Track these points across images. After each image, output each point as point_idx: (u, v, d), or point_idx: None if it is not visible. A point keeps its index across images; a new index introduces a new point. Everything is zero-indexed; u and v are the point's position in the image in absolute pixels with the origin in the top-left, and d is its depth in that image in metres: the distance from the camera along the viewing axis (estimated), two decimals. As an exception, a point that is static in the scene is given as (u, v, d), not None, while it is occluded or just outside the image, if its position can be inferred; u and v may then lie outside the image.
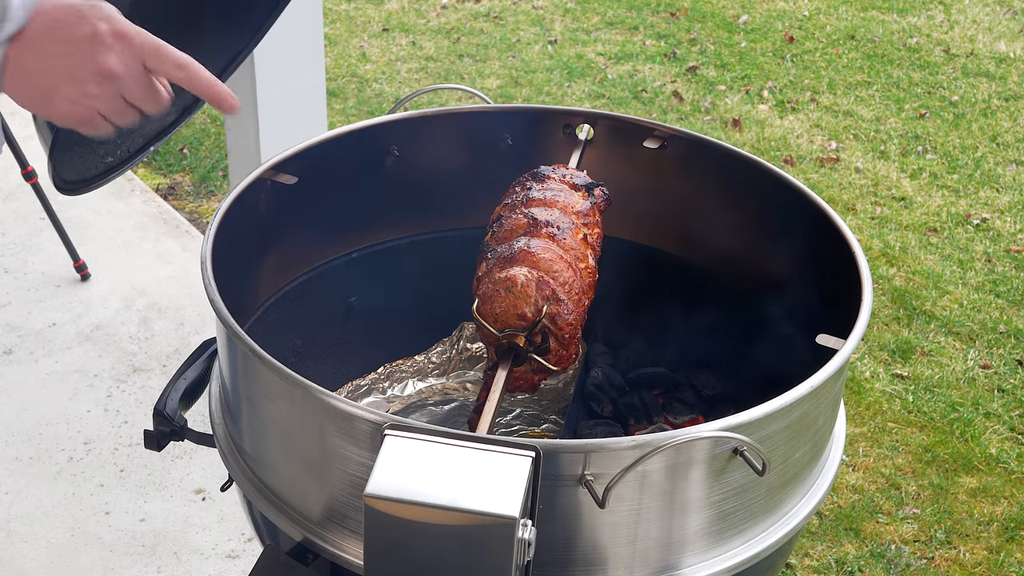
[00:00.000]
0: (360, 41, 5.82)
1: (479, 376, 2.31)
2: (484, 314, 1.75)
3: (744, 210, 2.07)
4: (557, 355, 1.77)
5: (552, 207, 1.89)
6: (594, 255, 1.90)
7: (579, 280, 1.80)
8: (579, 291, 1.79)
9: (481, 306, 1.76)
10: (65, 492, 3.03)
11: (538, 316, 1.73)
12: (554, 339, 1.76)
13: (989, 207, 4.58)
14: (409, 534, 1.35)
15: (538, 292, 1.74)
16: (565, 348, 1.77)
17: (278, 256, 2.09)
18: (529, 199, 1.91)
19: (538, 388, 1.83)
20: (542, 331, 1.75)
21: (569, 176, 1.98)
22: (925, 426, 3.43)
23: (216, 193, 4.46)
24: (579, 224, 1.88)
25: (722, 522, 1.55)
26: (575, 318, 1.76)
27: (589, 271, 1.85)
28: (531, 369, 1.79)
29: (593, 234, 1.91)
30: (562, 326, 1.75)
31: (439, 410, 2.25)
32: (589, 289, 1.85)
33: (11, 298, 3.75)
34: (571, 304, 1.76)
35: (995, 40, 6.04)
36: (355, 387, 2.27)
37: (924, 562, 2.98)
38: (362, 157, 2.13)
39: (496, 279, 1.75)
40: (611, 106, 5.25)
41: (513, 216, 1.88)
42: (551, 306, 1.74)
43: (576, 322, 1.77)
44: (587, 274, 1.84)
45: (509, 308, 1.74)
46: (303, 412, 1.54)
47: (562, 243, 1.82)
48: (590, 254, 1.87)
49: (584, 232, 1.87)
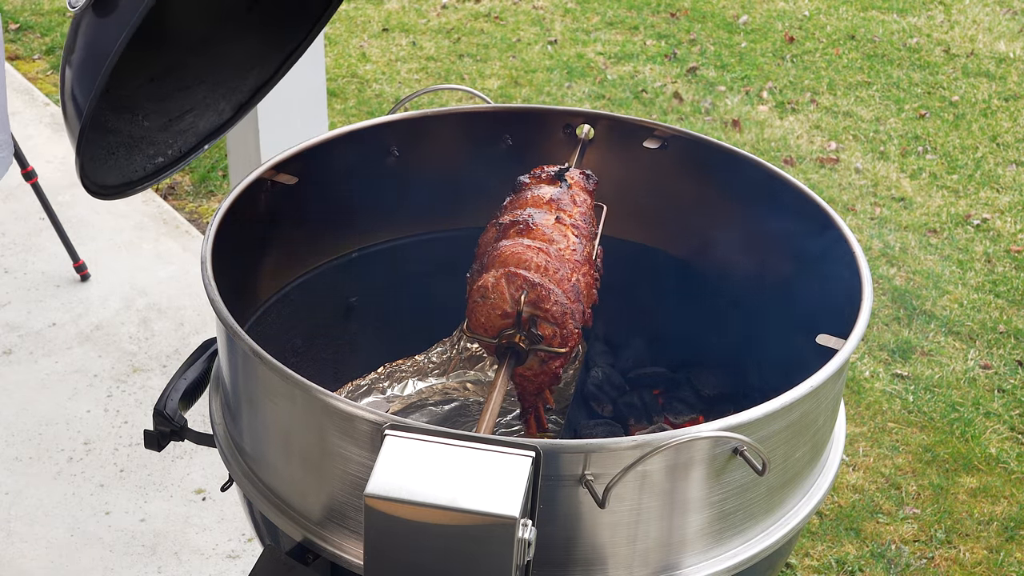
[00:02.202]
0: (360, 41, 5.82)
1: (479, 376, 2.32)
2: (474, 328, 1.80)
3: (744, 210, 2.07)
4: (557, 335, 1.77)
5: (523, 207, 1.91)
6: (577, 232, 1.90)
7: (556, 260, 1.80)
8: (558, 269, 1.79)
9: (470, 323, 1.81)
10: (65, 492, 3.03)
11: (518, 307, 1.75)
12: (545, 322, 1.77)
13: (989, 207, 4.58)
14: (409, 534, 1.35)
15: (510, 287, 1.76)
16: (561, 326, 1.77)
17: (278, 256, 2.09)
18: (502, 211, 1.93)
19: (560, 377, 1.83)
20: (531, 319, 1.76)
21: (543, 172, 1.99)
22: (925, 426, 3.43)
23: (216, 193, 4.46)
24: (552, 211, 1.89)
25: (722, 522, 1.55)
26: (558, 296, 1.76)
27: (571, 248, 1.85)
28: (540, 360, 1.80)
29: (572, 214, 1.91)
30: (548, 307, 1.76)
31: (439, 410, 2.25)
32: (580, 265, 1.85)
33: (11, 298, 3.75)
34: (551, 283, 1.77)
35: (995, 40, 6.04)
36: (355, 387, 2.27)
37: (924, 562, 2.98)
38: (362, 157, 2.13)
39: (472, 292, 1.80)
40: (611, 106, 5.25)
41: (486, 233, 1.91)
42: (528, 294, 1.75)
43: (564, 298, 1.77)
44: (568, 251, 1.84)
45: (490, 312, 1.78)
46: (303, 412, 1.54)
47: (531, 234, 1.83)
48: (570, 232, 1.88)
49: (557, 215, 1.88)
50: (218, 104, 1.92)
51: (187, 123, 1.76)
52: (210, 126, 1.91)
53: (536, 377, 1.82)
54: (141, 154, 1.82)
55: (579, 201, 1.95)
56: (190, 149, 1.88)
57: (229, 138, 3.65)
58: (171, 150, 1.86)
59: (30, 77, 5.17)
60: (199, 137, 1.89)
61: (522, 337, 1.77)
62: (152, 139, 1.81)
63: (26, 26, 5.70)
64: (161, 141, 1.83)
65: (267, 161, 1.95)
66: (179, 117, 1.86)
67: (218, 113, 1.84)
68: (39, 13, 5.81)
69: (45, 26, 5.67)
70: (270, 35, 1.98)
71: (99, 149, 1.70)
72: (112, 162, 1.76)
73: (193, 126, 1.86)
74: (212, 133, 1.91)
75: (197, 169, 4.57)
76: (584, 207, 1.95)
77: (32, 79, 5.15)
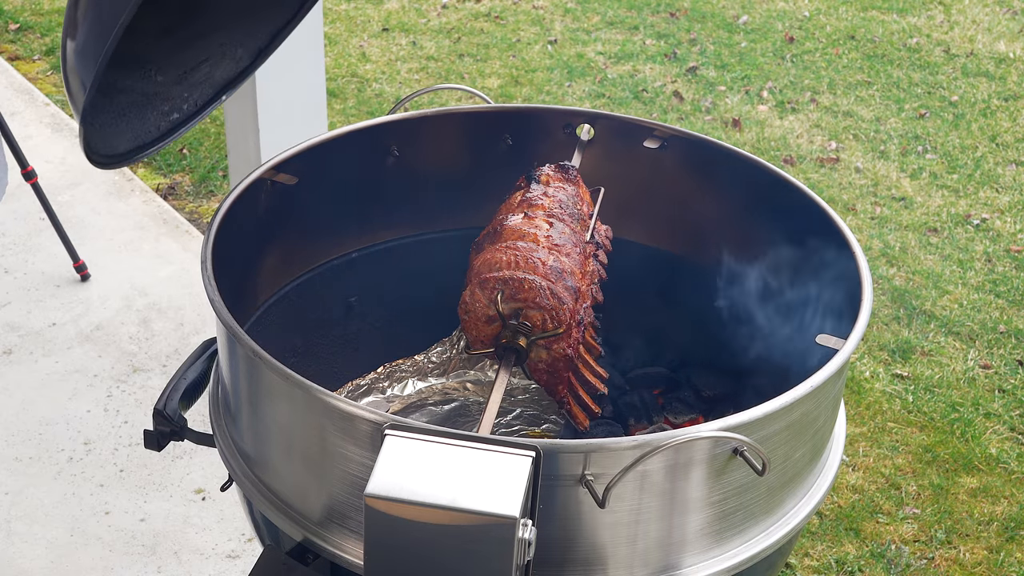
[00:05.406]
0: (360, 41, 5.81)
1: (479, 376, 2.32)
2: (473, 345, 1.82)
3: (744, 210, 2.07)
4: (547, 318, 1.77)
5: (496, 218, 1.93)
6: (553, 217, 1.89)
7: (526, 252, 1.80)
8: (528, 258, 1.80)
9: (468, 341, 1.83)
10: (65, 492, 3.03)
11: (498, 307, 1.75)
12: (531, 310, 1.76)
13: (989, 207, 4.58)
14: (409, 534, 1.35)
15: (485, 292, 1.78)
16: (547, 308, 1.77)
17: (278, 256, 2.09)
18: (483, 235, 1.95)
19: (571, 357, 1.83)
20: (515, 313, 1.77)
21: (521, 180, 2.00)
22: (925, 426, 3.43)
23: (216, 193, 4.46)
24: (522, 210, 1.90)
25: (722, 522, 1.55)
26: (533, 281, 1.76)
27: (545, 235, 1.85)
28: (544, 348, 1.80)
29: (546, 205, 1.92)
30: (525, 295, 1.76)
31: (439, 410, 2.25)
32: (561, 246, 1.84)
33: (11, 298, 3.75)
34: (524, 272, 1.77)
35: (995, 40, 6.04)
36: (355, 387, 2.27)
37: (924, 562, 2.98)
38: (362, 157, 2.13)
39: (459, 312, 1.82)
40: (611, 106, 5.25)
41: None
42: (504, 292, 1.75)
43: (542, 281, 1.77)
44: (543, 239, 1.84)
45: (477, 323, 1.80)
46: (303, 412, 1.54)
47: (500, 238, 1.85)
48: (543, 222, 1.88)
49: (525, 212, 1.89)
50: (235, 51, 1.81)
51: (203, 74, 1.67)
52: (227, 75, 1.82)
53: (550, 367, 1.82)
54: (155, 111, 1.73)
55: (554, 192, 1.95)
56: (207, 101, 1.78)
57: (229, 138, 3.64)
58: (187, 104, 1.77)
59: (30, 77, 5.17)
60: (216, 88, 1.80)
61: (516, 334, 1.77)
62: (166, 94, 1.72)
63: (26, 26, 5.70)
64: (176, 95, 1.74)
65: (267, 161, 1.95)
66: (194, 68, 1.75)
67: (235, 61, 1.75)
68: (39, 13, 5.81)
69: (45, 26, 5.67)
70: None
71: (108, 115, 1.61)
72: (123, 125, 1.67)
73: (209, 77, 1.76)
74: (230, 83, 1.82)
75: (197, 169, 4.57)
76: (564, 195, 1.95)
77: (32, 79, 5.15)
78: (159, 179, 4.54)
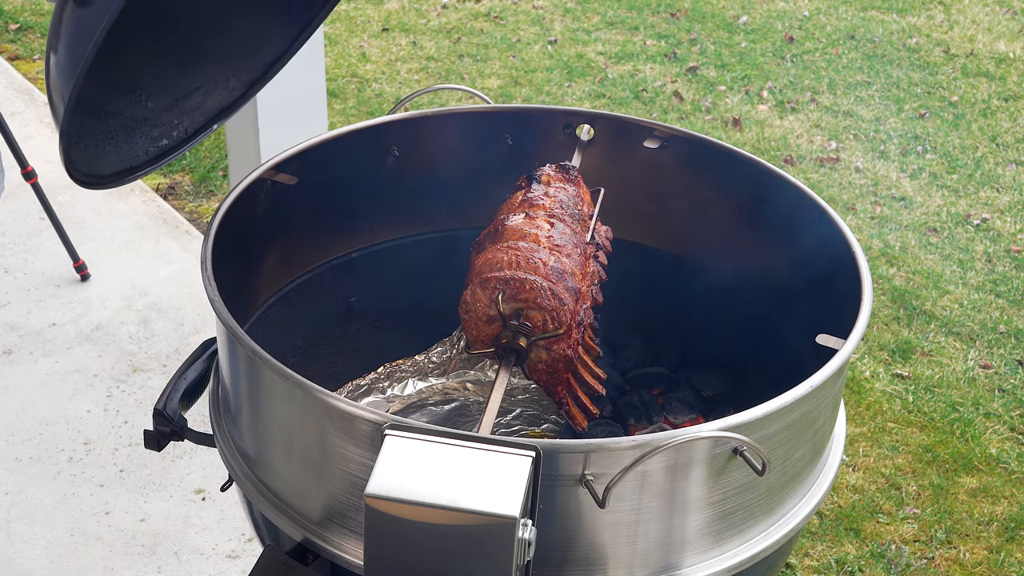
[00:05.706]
0: (360, 41, 5.81)
1: (479, 376, 2.32)
2: (473, 344, 1.82)
3: (744, 210, 2.07)
4: (547, 318, 1.77)
5: (497, 218, 1.92)
6: (554, 218, 1.90)
7: (527, 252, 1.80)
8: (529, 258, 1.80)
9: (468, 341, 1.83)
10: (65, 492, 3.03)
11: (498, 307, 1.75)
12: (531, 310, 1.77)
13: (989, 207, 4.58)
14: (409, 534, 1.35)
15: (485, 292, 1.78)
16: (547, 309, 1.77)
17: (278, 256, 2.09)
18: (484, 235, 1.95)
19: (571, 358, 1.83)
20: (515, 313, 1.77)
21: (522, 180, 2.01)
22: (925, 426, 3.43)
23: (216, 193, 4.46)
24: (523, 210, 1.90)
25: (722, 522, 1.55)
26: (534, 281, 1.76)
27: (545, 236, 1.86)
28: (544, 349, 1.80)
29: (546, 205, 1.92)
30: (526, 295, 1.76)
31: (439, 410, 2.25)
32: (562, 247, 1.85)
33: (11, 298, 3.75)
34: (524, 272, 1.77)
35: (995, 40, 6.04)
36: (355, 387, 2.27)
37: (924, 562, 2.98)
38: (362, 157, 2.13)
39: (459, 312, 1.82)
40: (611, 106, 5.25)
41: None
42: (504, 292, 1.75)
43: (543, 281, 1.77)
44: (544, 239, 1.85)
45: (477, 323, 1.79)
46: (303, 412, 1.54)
47: (501, 238, 1.85)
48: (544, 222, 1.88)
49: (526, 212, 1.89)
50: (228, 81, 1.82)
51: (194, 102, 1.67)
52: (219, 104, 1.81)
53: (550, 367, 1.82)
54: (144, 136, 1.72)
55: (555, 192, 1.95)
56: (197, 130, 1.77)
57: (229, 138, 3.65)
58: (176, 131, 1.76)
59: (30, 77, 5.17)
60: (207, 117, 1.79)
61: (516, 334, 1.77)
62: (156, 120, 1.72)
63: (26, 26, 5.70)
64: (166, 122, 1.74)
65: (267, 161, 1.95)
66: (186, 96, 1.76)
67: (228, 90, 1.74)
68: (39, 13, 5.81)
69: (45, 26, 5.67)
70: (284, 8, 1.91)
71: (95, 135, 1.60)
72: (110, 148, 1.66)
73: (201, 105, 1.76)
74: (221, 112, 1.81)
75: (197, 169, 4.57)
76: (565, 195, 1.95)
77: (32, 79, 5.15)
78: (159, 179, 4.54)
